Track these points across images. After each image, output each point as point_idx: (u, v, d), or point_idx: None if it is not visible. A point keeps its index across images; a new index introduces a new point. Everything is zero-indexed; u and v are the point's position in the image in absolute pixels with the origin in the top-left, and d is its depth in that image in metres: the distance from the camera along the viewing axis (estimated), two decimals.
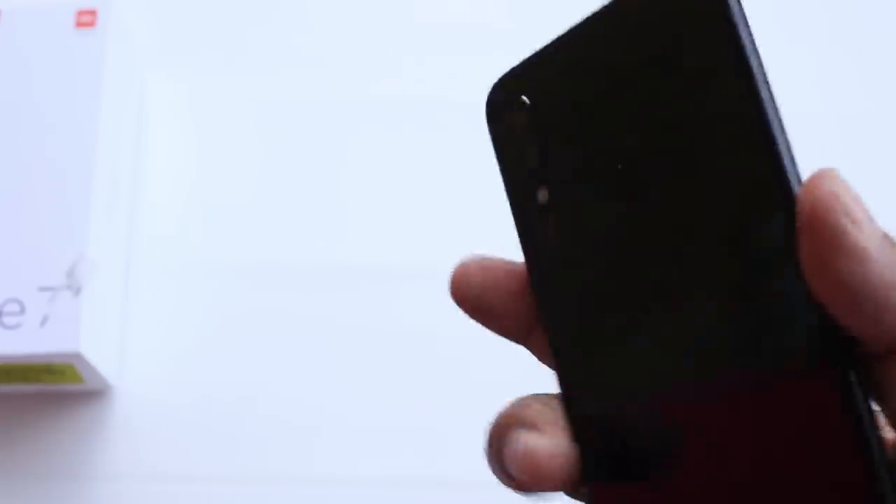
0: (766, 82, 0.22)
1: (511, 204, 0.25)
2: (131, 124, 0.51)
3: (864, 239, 0.19)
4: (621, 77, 0.24)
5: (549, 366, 0.25)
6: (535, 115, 0.25)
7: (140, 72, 0.53)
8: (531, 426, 0.23)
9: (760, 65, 0.22)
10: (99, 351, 0.44)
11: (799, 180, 0.21)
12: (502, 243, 0.27)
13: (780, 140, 0.22)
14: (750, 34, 0.22)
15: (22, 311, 0.43)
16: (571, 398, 0.24)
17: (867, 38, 0.54)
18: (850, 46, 0.54)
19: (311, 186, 0.51)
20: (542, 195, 0.25)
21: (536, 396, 0.24)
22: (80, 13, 0.49)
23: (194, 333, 0.48)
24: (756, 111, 0.22)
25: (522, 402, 0.23)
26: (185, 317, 0.48)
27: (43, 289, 0.44)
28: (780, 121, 0.22)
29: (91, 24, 0.49)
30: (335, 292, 0.48)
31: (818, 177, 0.20)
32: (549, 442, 0.22)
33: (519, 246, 0.25)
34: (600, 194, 0.24)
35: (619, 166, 0.24)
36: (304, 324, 0.48)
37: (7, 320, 0.43)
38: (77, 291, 0.44)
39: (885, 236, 0.20)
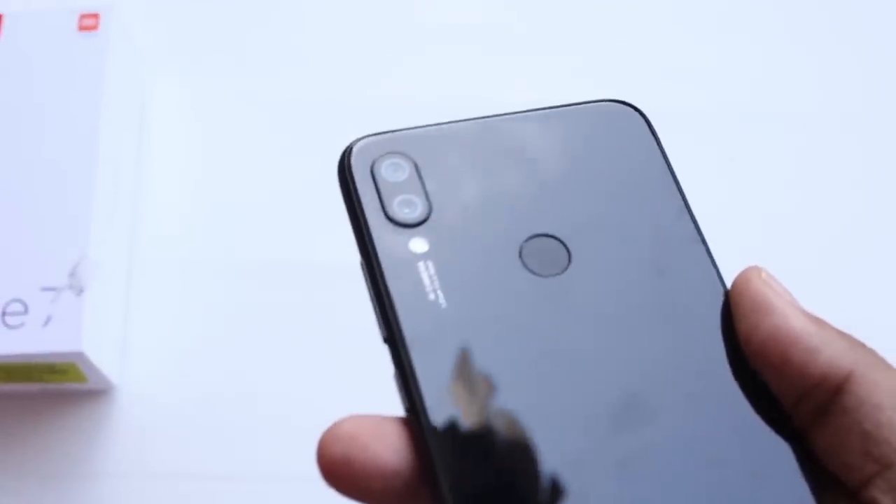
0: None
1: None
2: (134, 126, 0.51)
3: (785, 301, 0.23)
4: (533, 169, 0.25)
5: None
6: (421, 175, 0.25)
7: (143, 74, 0.53)
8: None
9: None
10: (101, 350, 0.45)
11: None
12: None
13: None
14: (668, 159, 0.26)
15: (25, 311, 0.43)
16: None
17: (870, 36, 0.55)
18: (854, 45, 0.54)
19: (313, 186, 0.51)
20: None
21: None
22: (83, 16, 0.49)
23: (197, 333, 0.48)
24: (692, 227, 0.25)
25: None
26: (188, 316, 0.48)
27: (45, 289, 0.44)
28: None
29: (94, 27, 0.49)
30: (338, 291, 0.48)
31: (746, 268, 0.24)
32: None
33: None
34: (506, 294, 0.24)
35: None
36: (308, 323, 0.48)
37: (10, 320, 0.43)
38: (79, 291, 0.44)
39: (798, 304, 0.24)
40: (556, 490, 0.22)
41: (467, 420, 0.22)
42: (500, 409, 0.23)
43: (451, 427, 0.22)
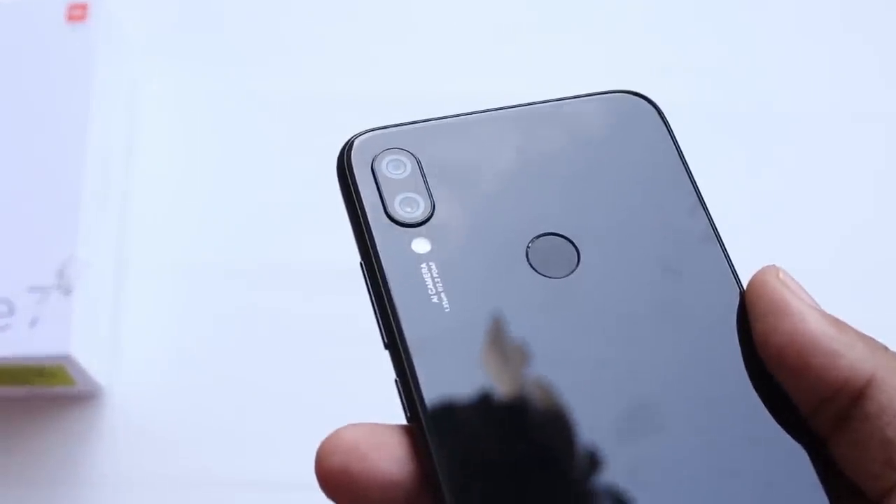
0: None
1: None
2: (122, 120, 0.50)
3: (803, 302, 0.23)
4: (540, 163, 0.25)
5: None
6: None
7: (132, 66, 0.52)
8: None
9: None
10: (90, 353, 0.44)
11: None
12: None
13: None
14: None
15: (11, 311, 0.42)
16: None
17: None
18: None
19: (306, 187, 0.50)
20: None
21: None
22: (72, 7, 0.48)
23: (188, 334, 0.47)
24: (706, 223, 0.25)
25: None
26: (179, 318, 0.48)
27: (33, 289, 0.43)
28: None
29: (82, 17, 0.48)
30: (331, 294, 0.47)
31: (762, 268, 0.24)
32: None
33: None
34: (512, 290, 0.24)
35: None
36: (304, 326, 0.47)
37: None
38: (67, 292, 0.43)
39: (817, 305, 0.23)
40: (564, 500, 0.21)
41: (472, 428, 0.22)
42: (506, 417, 0.22)
43: (455, 436, 0.22)
